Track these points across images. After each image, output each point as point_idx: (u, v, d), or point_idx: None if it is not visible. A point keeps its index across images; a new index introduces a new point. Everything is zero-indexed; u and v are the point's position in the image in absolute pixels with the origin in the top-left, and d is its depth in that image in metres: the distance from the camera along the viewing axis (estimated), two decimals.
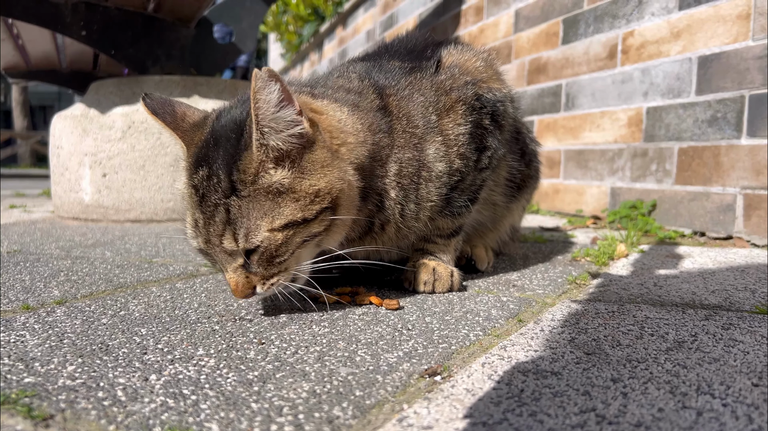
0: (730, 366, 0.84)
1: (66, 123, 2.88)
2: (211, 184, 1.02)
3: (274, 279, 1.08)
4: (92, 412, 0.70)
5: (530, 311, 1.18)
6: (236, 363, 0.87)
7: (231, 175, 1.01)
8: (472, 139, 1.32)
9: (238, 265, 1.05)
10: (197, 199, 1.05)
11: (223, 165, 1.02)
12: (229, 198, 1.01)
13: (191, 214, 1.08)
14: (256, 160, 1.01)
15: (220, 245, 1.03)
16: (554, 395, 0.74)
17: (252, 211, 1.01)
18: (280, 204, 1.02)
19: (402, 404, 0.73)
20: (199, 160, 1.06)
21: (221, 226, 1.02)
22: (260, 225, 1.01)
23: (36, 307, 1.19)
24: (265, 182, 1.01)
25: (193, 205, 1.06)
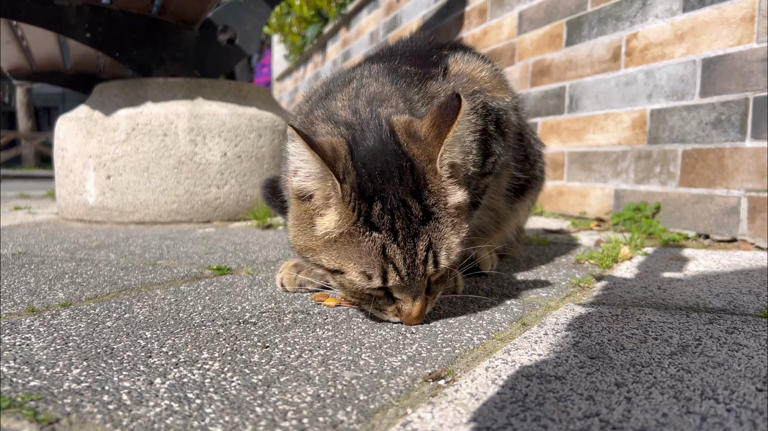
0: (734, 371, 0.84)
1: (70, 125, 2.89)
2: (401, 215, 0.98)
3: (437, 296, 1.11)
4: (97, 416, 0.70)
5: (534, 314, 1.18)
6: (240, 367, 0.87)
7: (423, 201, 1.00)
8: (478, 146, 1.33)
9: (423, 293, 1.05)
10: (384, 235, 0.98)
11: (409, 193, 0.99)
12: (426, 224, 1.00)
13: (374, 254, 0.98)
14: (440, 178, 1.02)
15: (423, 273, 1.01)
16: (558, 400, 0.74)
17: (447, 231, 1.02)
18: (462, 218, 1.05)
19: (406, 408, 0.73)
20: (369, 193, 0.98)
21: (424, 254, 0.99)
22: (454, 242, 1.02)
23: (41, 310, 1.20)
24: (455, 203, 1.04)
25: (378, 244, 0.98)
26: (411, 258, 0.99)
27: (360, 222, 0.98)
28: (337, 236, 1.00)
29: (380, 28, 5.63)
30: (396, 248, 0.98)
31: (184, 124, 2.77)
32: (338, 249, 1.01)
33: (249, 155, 2.90)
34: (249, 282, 1.48)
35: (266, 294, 1.35)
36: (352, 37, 6.59)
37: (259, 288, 1.41)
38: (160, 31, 3.22)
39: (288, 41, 9.45)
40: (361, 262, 0.99)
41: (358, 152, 1.02)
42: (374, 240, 0.98)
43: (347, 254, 1.00)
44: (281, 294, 1.35)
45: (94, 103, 2.95)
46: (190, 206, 2.80)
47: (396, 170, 1.00)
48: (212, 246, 2.09)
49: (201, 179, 2.80)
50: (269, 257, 1.85)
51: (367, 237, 0.98)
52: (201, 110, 2.82)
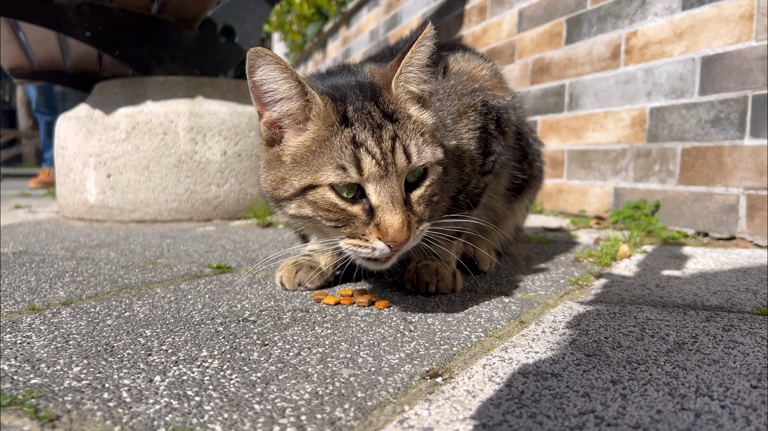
0: (729, 368, 0.85)
1: (71, 124, 2.90)
2: (367, 113, 1.05)
3: (423, 225, 1.08)
4: (98, 413, 0.71)
5: (532, 312, 1.18)
6: (240, 365, 0.88)
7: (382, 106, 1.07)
8: (479, 144, 1.34)
9: (402, 200, 1.03)
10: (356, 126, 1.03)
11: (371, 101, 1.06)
12: (391, 122, 1.05)
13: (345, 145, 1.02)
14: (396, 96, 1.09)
15: (393, 163, 1.01)
16: (554, 396, 0.75)
17: (415, 136, 1.06)
18: (432, 141, 1.09)
19: (403, 405, 0.73)
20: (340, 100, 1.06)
21: (390, 143, 1.02)
22: (426, 148, 1.06)
23: (42, 308, 1.21)
24: (419, 117, 1.10)
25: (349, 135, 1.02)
26: (380, 144, 1.02)
27: (336, 121, 1.04)
28: (308, 148, 1.05)
29: (380, 26, 5.63)
30: (366, 134, 1.02)
31: (184, 123, 2.77)
32: (309, 161, 1.04)
33: (249, 153, 2.90)
34: (248, 280, 1.49)
35: (266, 292, 1.36)
36: (353, 35, 6.59)
37: (259, 286, 1.42)
38: (160, 30, 3.22)
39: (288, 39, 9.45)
40: (334, 158, 1.01)
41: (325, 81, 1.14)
42: (346, 134, 1.02)
43: (320, 160, 1.03)
44: (281, 293, 1.35)
45: (94, 101, 2.96)
46: (191, 205, 2.80)
47: (358, 88, 1.09)
48: (212, 244, 2.09)
49: (201, 178, 2.80)
50: (269, 255, 1.85)
51: (341, 134, 1.03)
52: (201, 109, 2.83)
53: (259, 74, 1.04)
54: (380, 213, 1.01)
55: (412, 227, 1.03)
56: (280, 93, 1.06)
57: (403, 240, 1.01)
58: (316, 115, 1.05)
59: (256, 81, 1.05)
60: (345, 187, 1.02)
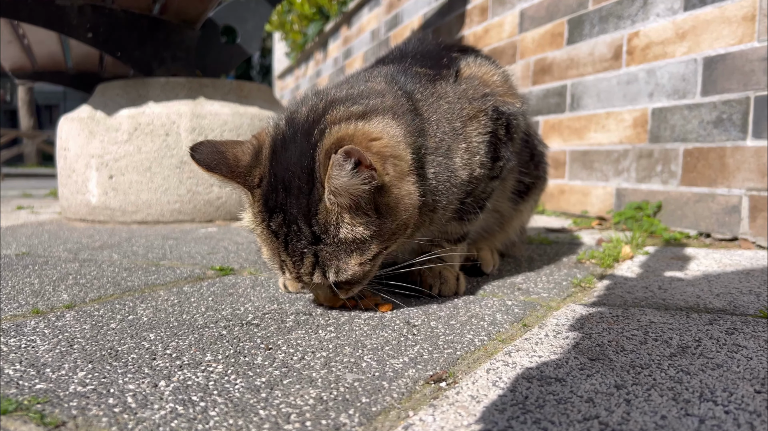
0: (733, 373, 0.85)
1: (73, 125, 2.90)
2: (292, 232, 1.07)
3: (357, 288, 1.16)
4: (103, 419, 0.71)
5: (535, 315, 1.18)
6: (244, 369, 0.88)
7: (311, 227, 1.05)
8: (488, 148, 1.34)
9: (326, 288, 1.16)
10: (279, 243, 1.09)
11: (302, 216, 1.05)
12: (315, 245, 1.06)
13: (272, 252, 1.12)
14: (333, 213, 1.04)
15: (310, 280, 1.10)
16: (558, 402, 0.75)
17: (340, 254, 1.07)
18: (365, 245, 1.07)
19: (408, 411, 0.74)
20: (272, 207, 1.08)
21: (310, 268, 1.08)
22: (349, 263, 1.07)
23: (45, 311, 1.21)
24: (348, 235, 1.05)
25: (275, 248, 1.11)
26: (298, 268, 1.09)
27: (263, 226, 1.11)
28: (253, 228, 1.16)
29: (381, 26, 5.62)
30: (286, 256, 1.09)
31: (186, 124, 2.78)
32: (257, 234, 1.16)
33: None
34: (251, 282, 1.49)
35: (269, 295, 1.36)
36: (354, 35, 6.59)
37: (262, 289, 1.42)
38: (162, 31, 3.23)
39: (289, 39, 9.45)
40: (268, 252, 1.14)
41: (277, 160, 1.10)
42: (273, 244, 1.11)
43: (261, 241, 1.15)
44: (283, 295, 1.35)
45: (96, 102, 2.96)
46: (193, 206, 2.81)
47: (297, 189, 1.06)
48: (215, 246, 2.10)
49: (203, 179, 2.80)
50: None
51: (270, 241, 1.11)
52: (203, 110, 2.83)
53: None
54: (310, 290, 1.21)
55: (337, 299, 1.19)
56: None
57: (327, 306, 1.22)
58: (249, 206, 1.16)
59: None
60: None
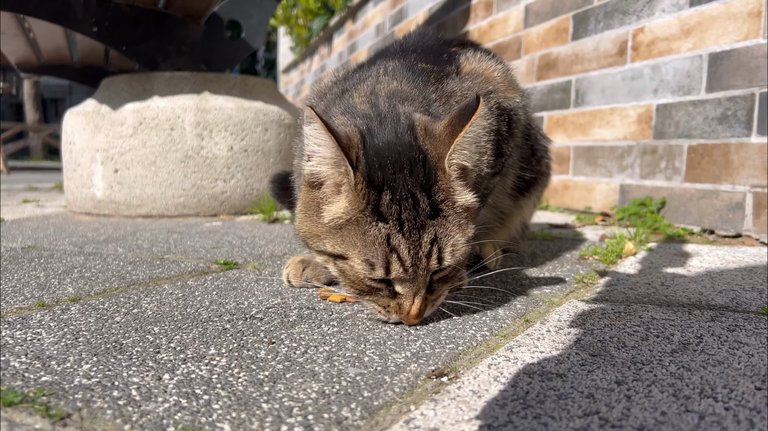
0: (734, 369, 0.85)
1: (78, 119, 2.91)
2: (408, 207, 0.98)
3: (441, 299, 1.10)
4: (108, 412, 0.72)
5: (537, 311, 1.19)
6: (247, 363, 0.89)
7: (431, 196, 1.00)
8: (491, 145, 1.34)
9: (425, 289, 1.04)
10: (391, 225, 0.98)
11: (418, 186, 0.99)
12: (434, 219, 1.00)
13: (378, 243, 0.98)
14: (449, 177, 1.02)
15: (426, 267, 1.00)
16: (558, 397, 0.75)
17: (453, 229, 1.02)
18: (468, 219, 1.05)
19: (409, 405, 0.74)
20: (379, 184, 0.99)
21: (428, 247, 0.99)
22: (461, 241, 1.02)
23: (51, 304, 1.22)
24: (463, 203, 1.03)
25: (384, 233, 0.98)
26: (415, 250, 0.98)
27: (368, 210, 0.99)
28: (344, 223, 1.01)
29: (386, 20, 5.62)
30: (401, 238, 0.98)
31: (191, 118, 2.78)
32: (343, 235, 1.01)
33: (255, 149, 2.91)
34: (255, 277, 1.50)
35: (272, 289, 1.37)
36: (358, 29, 6.58)
37: (266, 283, 1.43)
38: (167, 25, 3.23)
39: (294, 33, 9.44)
40: (365, 250, 0.99)
41: (372, 142, 1.03)
42: (380, 229, 0.98)
43: (352, 241, 1.00)
44: (287, 290, 1.36)
45: (101, 97, 2.97)
46: (197, 200, 2.82)
47: (408, 162, 1.00)
48: (219, 240, 2.10)
49: (208, 173, 2.81)
50: (275, 252, 1.86)
51: (373, 226, 0.98)
52: (207, 104, 2.83)
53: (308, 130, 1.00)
54: (402, 299, 1.04)
55: (428, 308, 1.07)
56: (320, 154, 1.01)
57: (416, 321, 1.06)
58: (348, 190, 1.00)
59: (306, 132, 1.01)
60: None
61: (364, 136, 1.03)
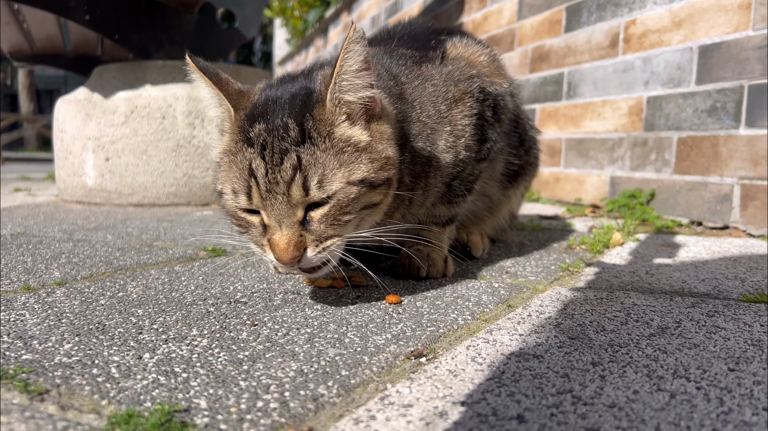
0: (709, 352, 0.86)
1: (70, 107, 2.90)
2: (276, 134, 0.99)
3: (329, 242, 1.02)
4: (86, 388, 0.72)
5: (520, 297, 1.20)
6: (228, 344, 0.89)
7: (303, 124, 1.00)
8: (475, 130, 1.34)
9: (295, 221, 0.99)
10: (255, 150, 0.99)
11: (292, 116, 1.01)
12: (300, 146, 0.99)
13: (242, 169, 1.00)
14: (330, 110, 1.02)
15: (286, 194, 0.97)
16: (534, 377, 0.76)
17: (328, 161, 0.99)
18: (357, 159, 1.01)
19: (386, 383, 0.75)
20: (256, 117, 1.03)
21: (290, 172, 0.97)
22: (336, 175, 0.99)
23: (36, 288, 1.22)
24: (344, 135, 1.02)
25: (248, 159, 0.99)
26: (273, 175, 0.97)
27: (241, 139, 1.03)
28: (224, 159, 1.06)
29: (382, 12, 5.60)
30: (260, 161, 0.98)
31: (183, 107, 2.78)
32: (223, 171, 1.07)
33: None
34: (243, 263, 1.50)
35: (259, 275, 1.37)
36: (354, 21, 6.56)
37: (253, 269, 1.43)
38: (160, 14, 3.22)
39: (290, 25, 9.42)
40: (232, 179, 1.02)
41: (271, 91, 1.09)
42: (246, 156, 1.00)
43: (226, 175, 1.04)
44: (274, 276, 1.37)
45: (93, 85, 2.96)
46: (189, 189, 2.82)
47: (289, 98, 1.05)
48: (209, 228, 2.11)
49: (199, 162, 2.81)
50: None
51: (241, 155, 1.01)
52: (199, 93, 2.82)
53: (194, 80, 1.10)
54: (270, 231, 1.01)
55: (306, 245, 1.00)
56: (208, 99, 1.10)
57: (289, 260, 0.99)
58: (229, 127, 1.08)
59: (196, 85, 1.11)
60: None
61: (264, 89, 1.12)
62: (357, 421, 0.65)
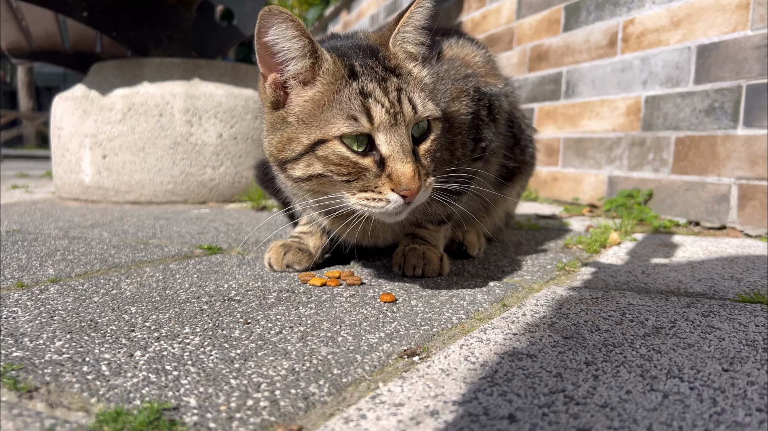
0: (703, 352, 0.86)
1: (67, 104, 2.90)
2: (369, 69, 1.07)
3: (430, 179, 1.09)
4: (75, 385, 0.72)
5: (515, 296, 1.19)
6: (220, 342, 0.89)
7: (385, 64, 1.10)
8: (470, 130, 1.34)
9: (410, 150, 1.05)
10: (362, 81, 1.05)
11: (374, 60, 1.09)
12: (395, 76, 1.08)
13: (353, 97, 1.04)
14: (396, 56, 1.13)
15: (402, 111, 1.04)
16: (526, 376, 0.76)
17: (416, 88, 1.09)
18: (431, 96, 1.12)
19: (378, 382, 0.75)
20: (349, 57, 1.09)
21: (397, 94, 1.05)
22: (424, 95, 1.09)
23: (30, 285, 1.22)
24: (412, 69, 1.13)
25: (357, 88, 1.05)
26: (387, 94, 1.05)
27: (346, 75, 1.06)
28: (316, 105, 1.06)
29: (381, 11, 5.60)
30: (374, 85, 1.05)
31: (180, 105, 2.77)
32: (318, 117, 1.05)
33: (245, 137, 2.90)
34: (238, 261, 1.50)
35: (254, 273, 1.37)
36: (353, 20, 6.56)
37: (248, 267, 1.43)
38: (158, 12, 3.21)
39: None
40: (344, 110, 1.03)
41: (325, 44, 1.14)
42: (354, 87, 1.05)
43: (329, 114, 1.04)
44: (268, 274, 1.36)
45: (90, 82, 2.96)
46: (186, 187, 2.81)
47: (357, 47, 1.12)
48: (205, 226, 2.10)
49: (196, 160, 2.81)
50: (261, 238, 1.86)
51: (348, 86, 1.05)
52: (197, 91, 2.82)
53: (271, 33, 1.04)
54: (391, 163, 1.03)
55: (421, 177, 1.05)
56: (293, 51, 1.06)
57: (416, 189, 1.02)
58: (325, 72, 1.07)
59: (267, 41, 1.05)
60: (355, 139, 1.03)
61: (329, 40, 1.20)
62: (347, 420, 0.64)
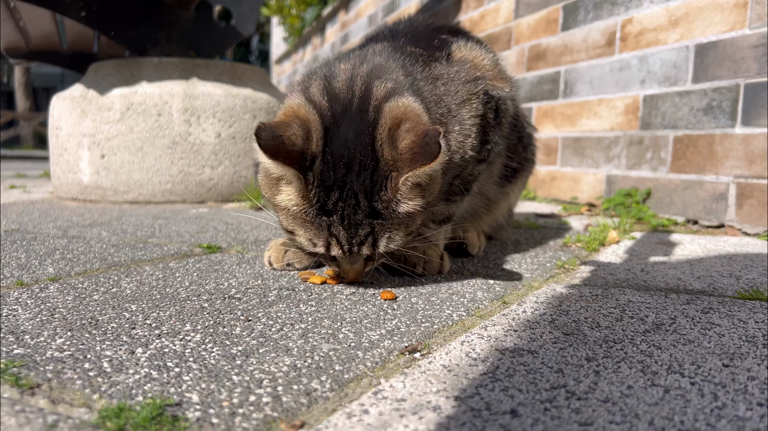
0: (703, 348, 0.86)
1: (65, 104, 2.89)
2: (349, 206, 1.08)
3: (382, 259, 1.20)
4: (77, 382, 0.72)
5: (515, 293, 1.19)
6: (222, 339, 0.89)
7: (373, 202, 1.08)
8: (478, 131, 1.35)
9: (362, 259, 1.16)
10: (334, 218, 1.08)
11: (363, 192, 1.07)
12: (373, 219, 1.09)
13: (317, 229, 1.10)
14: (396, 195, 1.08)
15: (358, 253, 1.12)
16: (528, 372, 0.76)
17: (393, 227, 1.11)
18: (414, 218, 1.13)
19: (380, 378, 0.75)
20: (330, 185, 1.07)
21: (363, 238, 1.10)
22: (399, 234, 1.12)
23: (30, 283, 1.22)
24: (405, 210, 1.09)
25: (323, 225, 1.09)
26: (351, 240, 1.10)
27: (316, 207, 1.09)
28: (291, 202, 1.10)
29: (379, 11, 5.60)
30: (341, 229, 1.09)
31: (179, 104, 2.77)
32: (294, 217, 1.12)
33: (243, 136, 2.90)
34: (238, 260, 1.50)
35: (254, 271, 1.37)
36: (351, 20, 6.56)
37: (248, 266, 1.43)
38: (156, 11, 3.21)
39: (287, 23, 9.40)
40: (310, 232, 1.11)
41: (331, 138, 1.09)
42: (324, 221, 1.09)
43: (300, 223, 1.12)
44: (268, 272, 1.36)
45: (88, 82, 2.95)
46: (184, 186, 2.81)
47: (358, 166, 1.07)
48: (204, 225, 2.10)
49: (195, 160, 2.80)
50: (260, 237, 1.86)
51: (319, 218, 1.09)
52: (195, 90, 2.82)
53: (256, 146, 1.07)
54: (341, 263, 1.17)
55: (366, 270, 1.21)
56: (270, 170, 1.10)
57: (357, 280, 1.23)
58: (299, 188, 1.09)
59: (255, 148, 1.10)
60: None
61: (327, 129, 1.10)
62: (350, 415, 0.64)
